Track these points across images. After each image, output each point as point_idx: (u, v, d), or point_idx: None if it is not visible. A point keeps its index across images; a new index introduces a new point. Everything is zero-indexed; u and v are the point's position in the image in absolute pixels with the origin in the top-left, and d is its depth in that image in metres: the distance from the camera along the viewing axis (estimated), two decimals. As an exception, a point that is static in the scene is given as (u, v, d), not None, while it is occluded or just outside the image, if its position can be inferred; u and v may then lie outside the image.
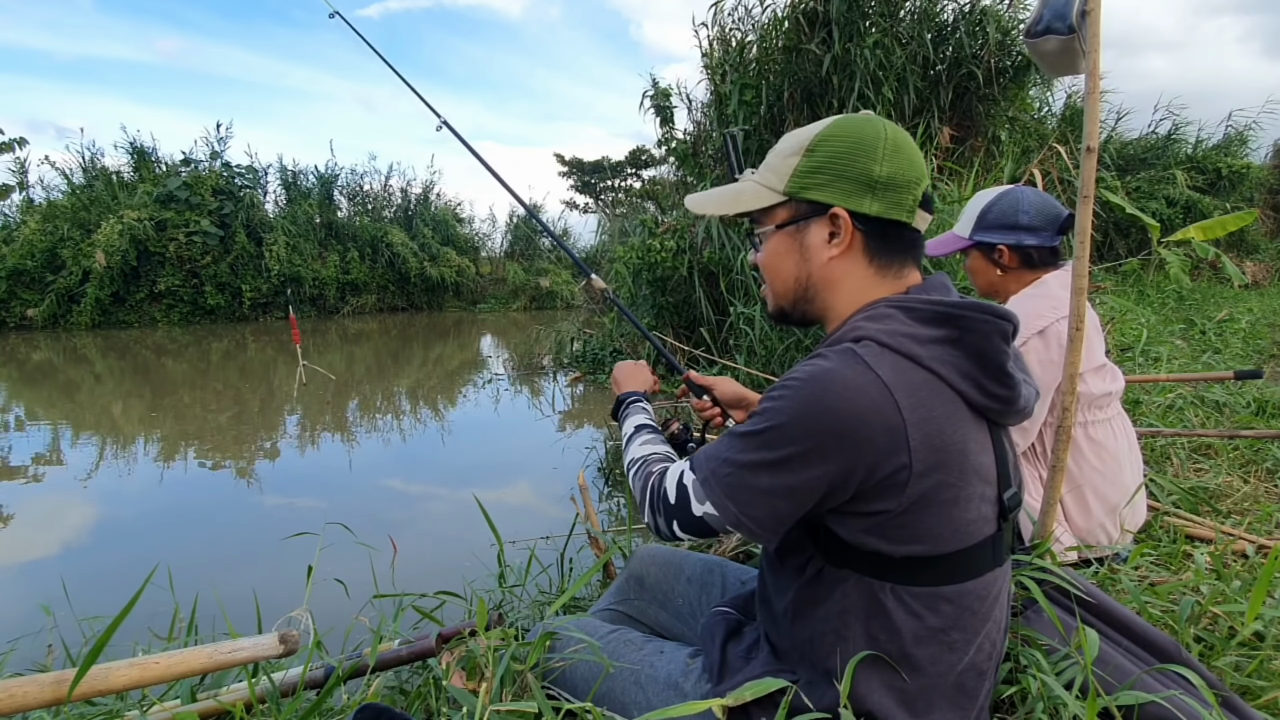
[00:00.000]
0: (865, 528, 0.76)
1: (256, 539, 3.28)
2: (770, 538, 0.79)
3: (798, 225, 0.86)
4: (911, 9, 5.70)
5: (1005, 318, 0.79)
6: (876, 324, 0.78)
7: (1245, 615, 1.10)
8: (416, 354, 9.67)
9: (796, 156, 0.85)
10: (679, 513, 0.86)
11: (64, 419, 5.88)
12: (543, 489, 3.84)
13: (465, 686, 1.01)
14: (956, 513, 0.76)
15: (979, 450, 0.77)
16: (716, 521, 0.82)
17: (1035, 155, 5.33)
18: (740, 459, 0.78)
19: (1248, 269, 9.79)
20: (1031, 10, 1.67)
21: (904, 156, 0.82)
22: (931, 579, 0.77)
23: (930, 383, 0.75)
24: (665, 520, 0.88)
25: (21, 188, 12.10)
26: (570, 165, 21.90)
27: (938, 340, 0.76)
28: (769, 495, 0.76)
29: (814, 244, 0.85)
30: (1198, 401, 3.00)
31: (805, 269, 0.87)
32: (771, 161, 0.89)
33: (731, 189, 0.93)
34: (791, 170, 0.85)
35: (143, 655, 1.01)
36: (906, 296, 0.82)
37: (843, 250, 0.84)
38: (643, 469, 0.97)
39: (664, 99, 6.23)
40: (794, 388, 0.75)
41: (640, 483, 0.95)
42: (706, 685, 0.91)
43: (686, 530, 0.86)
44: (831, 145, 0.83)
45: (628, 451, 1.05)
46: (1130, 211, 2.07)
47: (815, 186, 0.84)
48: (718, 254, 5.33)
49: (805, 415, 0.73)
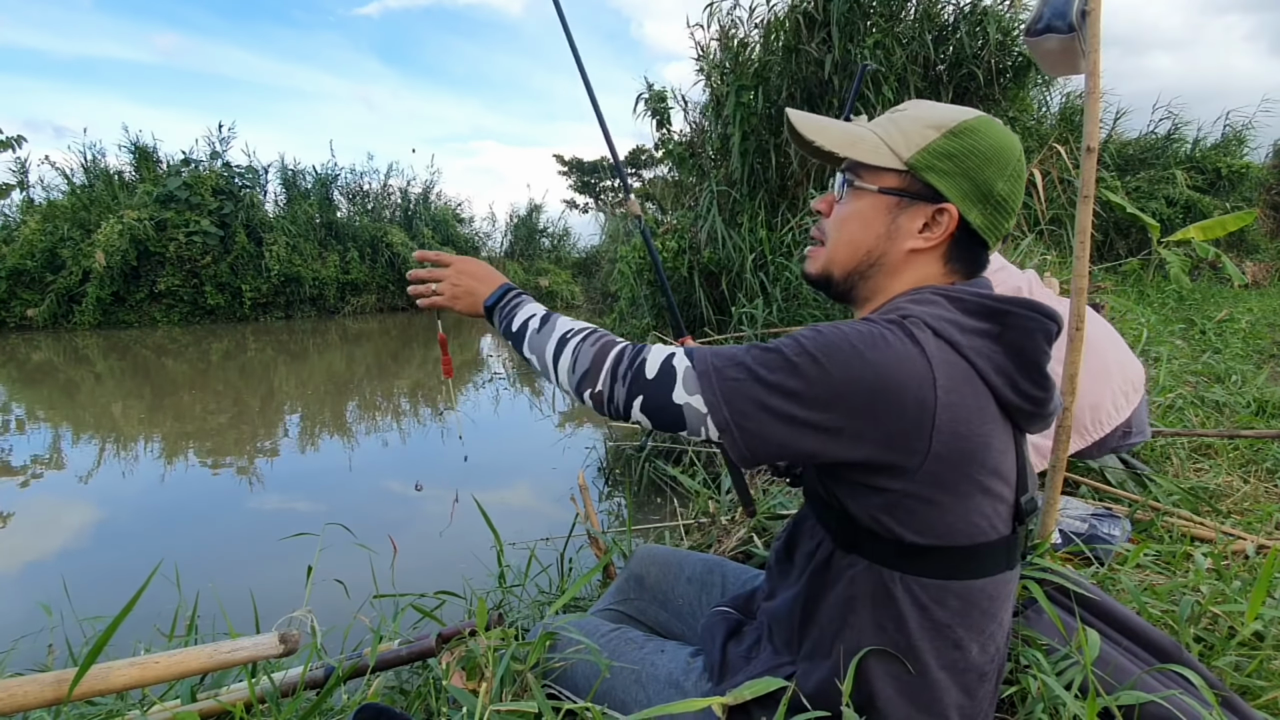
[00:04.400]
0: (879, 505, 0.75)
1: (256, 539, 3.28)
2: (745, 455, 0.75)
3: (902, 199, 0.81)
4: (912, 9, 5.69)
5: (1051, 317, 0.76)
6: (922, 307, 0.77)
7: (1245, 615, 1.10)
8: (416, 354, 9.66)
9: (935, 132, 0.80)
10: (652, 390, 0.79)
11: (64, 419, 5.87)
12: (542, 489, 3.84)
13: (465, 686, 1.01)
14: (971, 506, 0.75)
15: (1001, 450, 0.77)
16: (694, 418, 0.76)
17: (1035, 155, 5.33)
18: (758, 371, 0.74)
19: (1248, 269, 9.77)
20: (1032, 10, 1.67)
21: (1020, 184, 0.82)
22: (941, 571, 0.77)
23: (966, 372, 0.74)
24: (628, 392, 0.80)
25: (21, 187, 12.09)
26: (570, 165, 21.89)
27: (979, 332, 0.76)
28: (771, 416, 0.73)
29: (906, 226, 0.81)
30: (1198, 401, 3.00)
31: (883, 246, 0.83)
32: (902, 123, 0.82)
33: (849, 128, 0.85)
34: (926, 144, 0.80)
35: (143, 655, 1.01)
36: (953, 287, 0.81)
37: (928, 246, 0.81)
38: (595, 337, 0.87)
39: (659, 101, 6.21)
40: (840, 334, 0.73)
41: (594, 349, 0.85)
42: (707, 684, 0.91)
43: (648, 411, 0.79)
44: (973, 140, 0.80)
45: (553, 326, 0.92)
46: (1130, 211, 2.08)
47: (941, 172, 0.80)
48: (718, 254, 5.33)
49: (843, 363, 0.71)
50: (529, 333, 0.93)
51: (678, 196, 6.75)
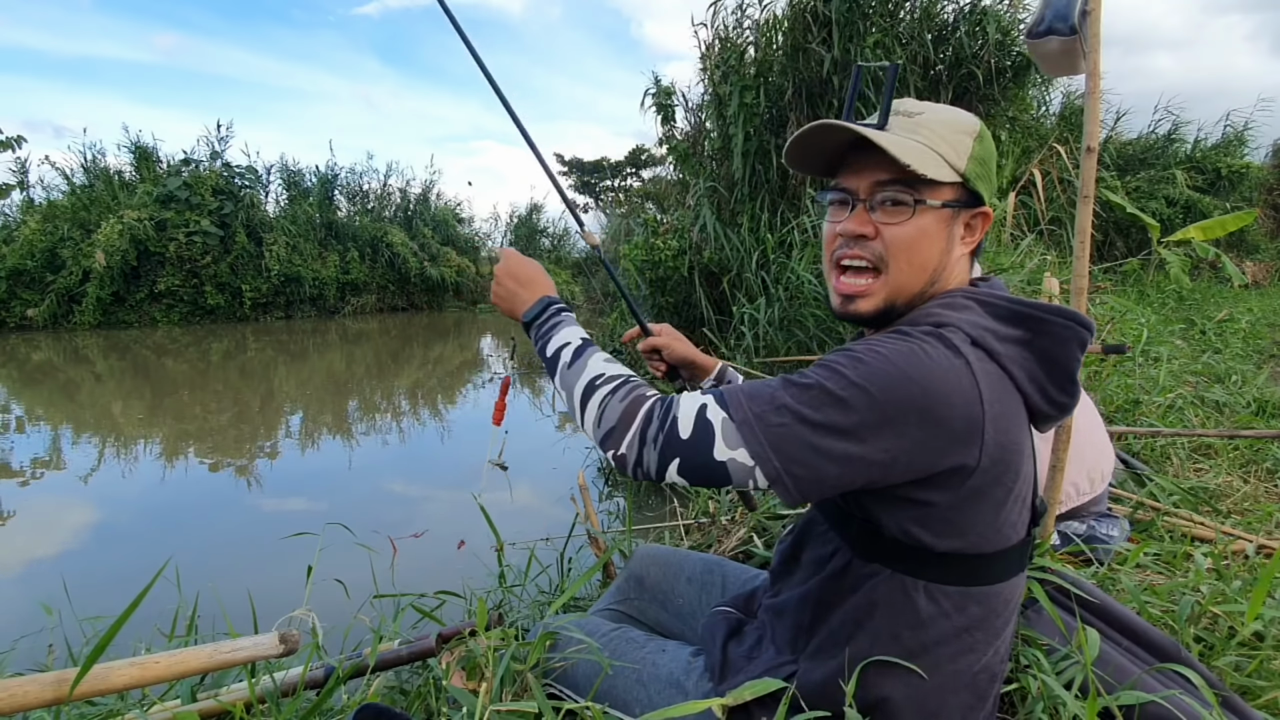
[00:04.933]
0: (914, 518, 0.74)
1: (256, 539, 3.28)
2: (798, 500, 0.71)
3: (955, 211, 0.80)
4: (912, 9, 5.69)
5: (1085, 325, 0.75)
6: (957, 313, 0.76)
7: (1245, 615, 1.10)
8: (416, 354, 9.66)
9: (969, 139, 0.79)
10: (690, 451, 0.72)
11: (64, 419, 5.87)
12: (542, 489, 3.84)
13: (465, 686, 1.01)
14: (1003, 514, 0.75)
15: (1029, 454, 0.77)
16: (740, 472, 0.71)
17: (1035, 155, 5.33)
18: (803, 412, 0.69)
19: (1248, 269, 9.78)
20: (1032, 10, 1.68)
21: None
22: (966, 578, 0.76)
23: (1004, 381, 0.73)
24: (660, 456, 0.73)
25: (21, 187, 12.08)
26: (570, 165, 21.91)
27: (1013, 340, 0.75)
28: (824, 458, 0.69)
29: (957, 235, 0.81)
30: (1198, 401, 3.00)
31: (944, 260, 0.80)
32: (943, 133, 0.79)
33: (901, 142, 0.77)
34: (969, 152, 0.79)
35: (143, 655, 1.01)
36: (981, 290, 0.80)
37: (968, 250, 0.83)
38: (625, 390, 0.79)
39: (666, 97, 6.23)
40: (881, 355, 0.70)
41: (622, 405, 0.78)
42: (708, 684, 0.91)
43: (687, 473, 0.73)
44: (988, 141, 0.81)
45: (584, 364, 0.86)
46: (1130, 211, 2.08)
47: (980, 178, 0.80)
48: (718, 254, 5.33)
49: (892, 385, 0.68)
50: (560, 365, 0.88)
51: (679, 195, 6.75)
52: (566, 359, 0.88)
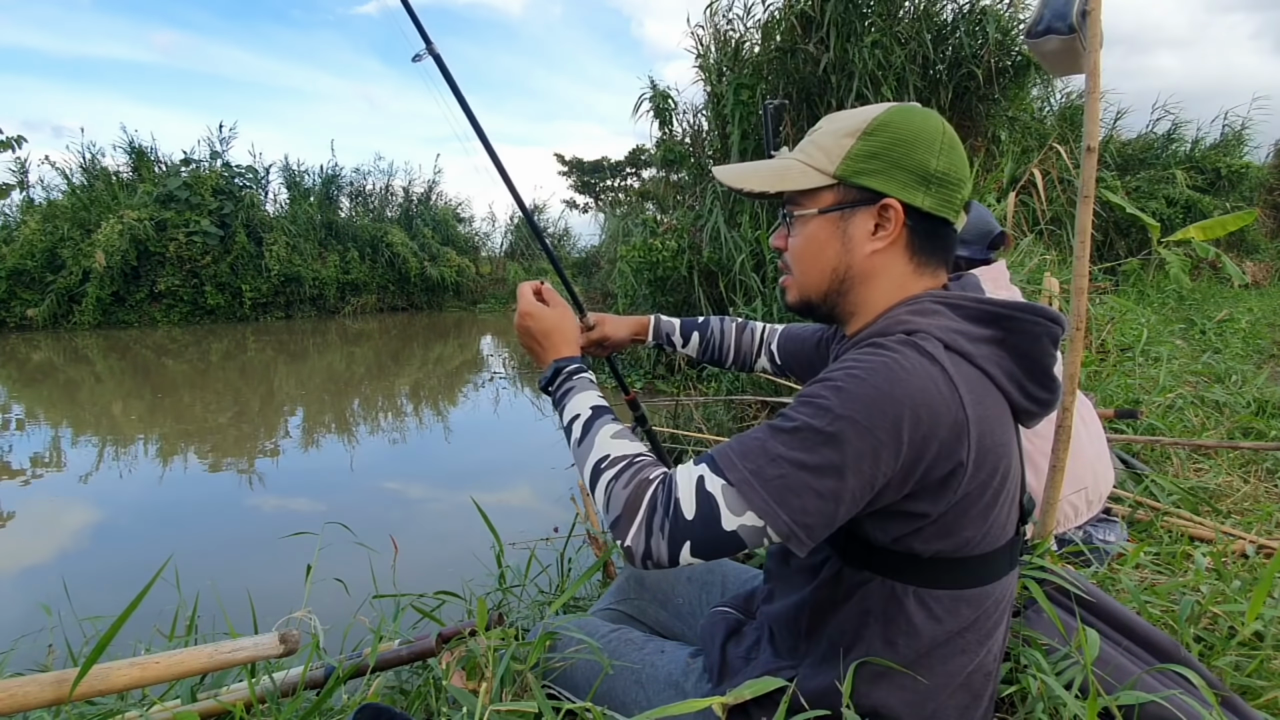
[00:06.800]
0: (907, 529, 0.74)
1: (256, 539, 3.28)
2: (810, 546, 0.70)
3: (843, 212, 0.81)
4: (910, 9, 5.70)
5: (1055, 320, 0.76)
6: (926, 318, 0.76)
7: (1245, 615, 1.10)
8: (416, 354, 9.67)
9: (851, 138, 0.80)
10: (699, 529, 0.70)
11: (64, 419, 5.88)
12: (542, 489, 3.84)
13: (465, 686, 1.01)
14: (991, 515, 0.75)
15: (1014, 453, 0.77)
16: (752, 535, 0.70)
17: (1035, 155, 5.33)
18: (798, 458, 0.68)
19: (1248, 269, 9.78)
20: (1032, 10, 1.68)
21: (957, 154, 0.80)
22: (956, 582, 0.76)
23: (983, 382, 0.73)
24: (671, 541, 0.71)
25: (21, 187, 12.09)
26: (570, 165, 21.90)
27: (986, 340, 0.75)
28: (828, 500, 0.68)
29: (858, 234, 0.81)
30: (1198, 401, 3.00)
31: (845, 260, 0.82)
32: (820, 141, 0.82)
33: (773, 164, 0.86)
34: (845, 152, 0.80)
35: (143, 655, 1.01)
36: (950, 293, 0.80)
37: (887, 244, 0.80)
38: (629, 475, 0.77)
39: (663, 100, 6.24)
40: (858, 379, 0.69)
41: (625, 493, 0.75)
42: (707, 685, 0.91)
43: (701, 553, 0.71)
44: (890, 132, 0.79)
45: (591, 441, 0.84)
46: (1130, 211, 2.08)
47: (869, 173, 0.79)
48: (717, 254, 5.33)
49: (877, 408, 0.67)
50: (572, 441, 0.88)
51: (678, 196, 6.76)
52: (577, 434, 0.87)
